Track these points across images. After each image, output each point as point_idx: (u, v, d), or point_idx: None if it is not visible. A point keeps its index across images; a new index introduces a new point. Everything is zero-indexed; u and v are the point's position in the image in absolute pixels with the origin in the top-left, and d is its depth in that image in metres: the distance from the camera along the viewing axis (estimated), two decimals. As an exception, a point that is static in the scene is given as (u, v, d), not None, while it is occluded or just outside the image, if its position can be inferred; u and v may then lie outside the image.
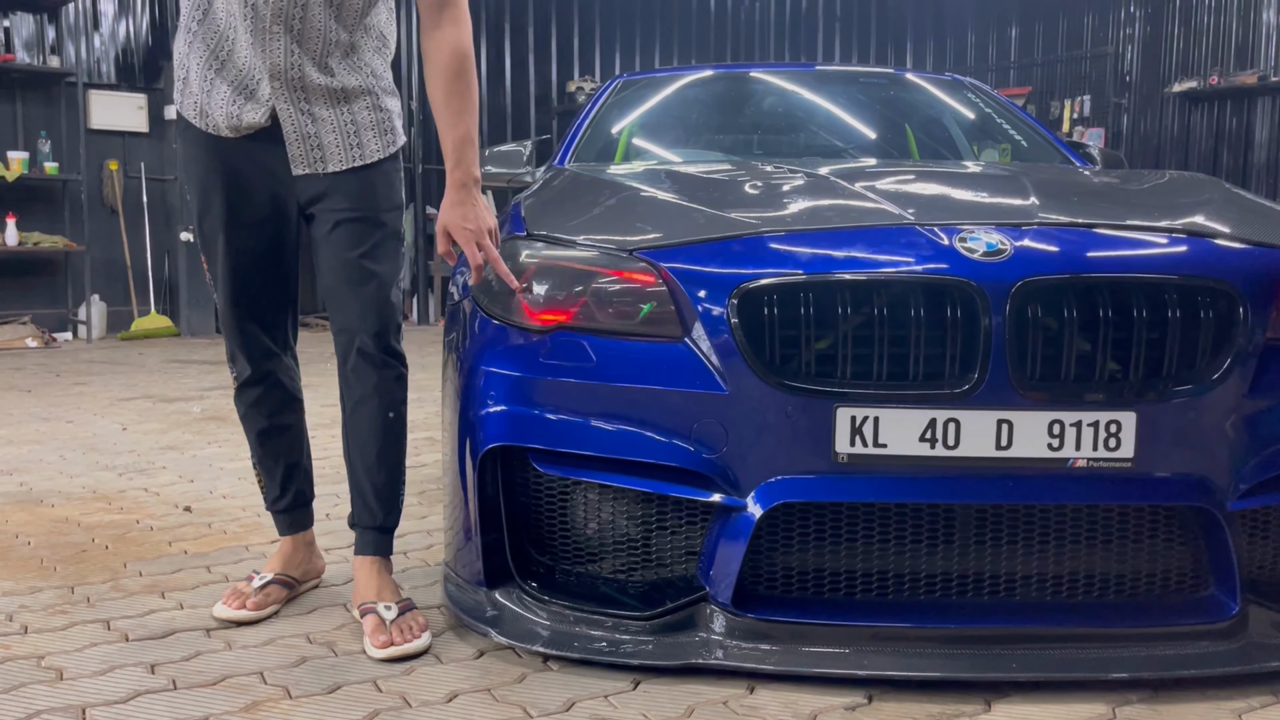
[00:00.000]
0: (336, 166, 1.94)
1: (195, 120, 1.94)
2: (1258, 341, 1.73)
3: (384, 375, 2.00)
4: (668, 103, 3.54)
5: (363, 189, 1.97)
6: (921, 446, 1.70)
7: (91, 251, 7.72)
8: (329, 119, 1.93)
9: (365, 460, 2.02)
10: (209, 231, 2.00)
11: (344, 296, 1.97)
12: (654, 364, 1.80)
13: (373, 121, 1.97)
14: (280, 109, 1.90)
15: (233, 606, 2.03)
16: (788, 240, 1.83)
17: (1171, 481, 1.72)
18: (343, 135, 1.94)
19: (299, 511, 2.19)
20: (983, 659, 1.72)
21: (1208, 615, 1.75)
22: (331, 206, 1.96)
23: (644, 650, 1.78)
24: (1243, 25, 8.02)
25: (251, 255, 2.00)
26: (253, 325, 2.05)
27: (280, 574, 2.12)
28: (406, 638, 1.87)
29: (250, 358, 2.07)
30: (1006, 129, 3.31)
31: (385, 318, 1.99)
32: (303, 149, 1.92)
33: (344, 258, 1.96)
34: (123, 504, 2.97)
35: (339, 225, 1.96)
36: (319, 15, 1.87)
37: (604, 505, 1.90)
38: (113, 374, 5.86)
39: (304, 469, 2.20)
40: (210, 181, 1.96)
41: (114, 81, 8.08)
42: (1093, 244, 1.81)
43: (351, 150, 1.95)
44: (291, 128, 1.91)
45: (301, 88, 1.90)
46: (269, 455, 2.15)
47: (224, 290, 2.02)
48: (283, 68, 1.88)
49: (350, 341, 1.98)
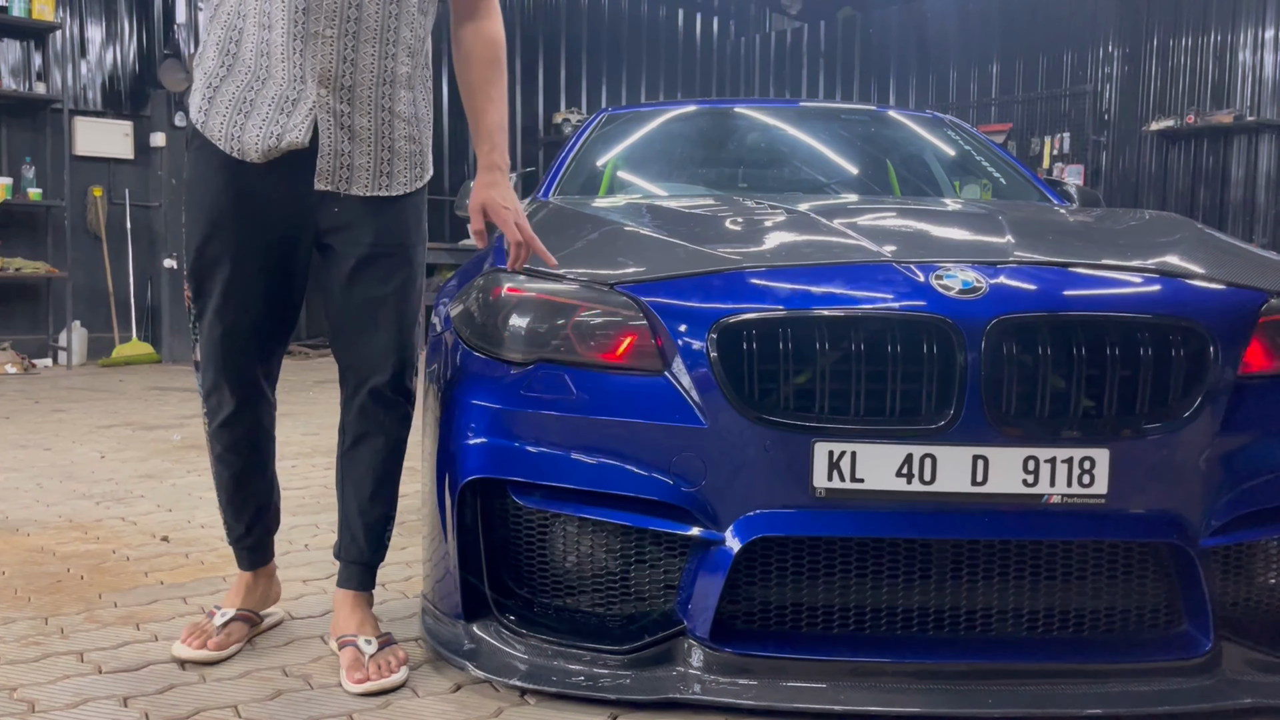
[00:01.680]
0: (360, 191, 1.88)
1: (219, 143, 1.85)
2: (1229, 380, 1.75)
3: (391, 415, 1.98)
4: (652, 137, 3.57)
5: (390, 222, 1.91)
6: (898, 482, 1.71)
7: (74, 278, 7.69)
8: (366, 138, 1.86)
9: (360, 496, 1.99)
10: (210, 258, 1.89)
11: (362, 334, 1.92)
12: (634, 397, 1.81)
13: (408, 153, 1.93)
14: (321, 119, 1.82)
15: (193, 646, 1.96)
16: (767, 276, 1.85)
17: (1145, 518, 1.74)
18: (376, 160, 1.88)
19: (262, 547, 2.13)
20: (959, 694, 1.72)
21: (1181, 652, 1.76)
22: (355, 239, 1.89)
23: (622, 685, 1.78)
24: (1219, 66, 8.16)
25: (258, 284, 1.90)
26: (247, 359, 1.95)
27: (242, 609, 2.07)
28: (384, 673, 1.86)
29: (236, 393, 1.96)
30: (986, 166, 3.35)
31: (405, 359, 1.96)
32: (332, 164, 1.85)
33: (368, 295, 1.90)
34: (99, 533, 2.94)
35: (364, 261, 1.90)
36: (375, 14, 1.81)
37: (583, 538, 1.90)
38: (92, 401, 5.82)
39: (274, 507, 2.14)
40: (222, 205, 1.86)
41: (100, 108, 8.08)
42: (1067, 283, 1.83)
43: (380, 179, 1.89)
44: (327, 141, 1.84)
45: (349, 95, 1.83)
46: (240, 497, 2.06)
47: (220, 321, 1.91)
48: (334, 71, 1.81)
49: (364, 380, 1.94)
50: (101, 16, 8.10)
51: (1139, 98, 8.68)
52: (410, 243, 1.95)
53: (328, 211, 1.90)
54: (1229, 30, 8.07)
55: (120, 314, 8.07)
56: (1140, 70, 8.66)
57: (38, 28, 7.58)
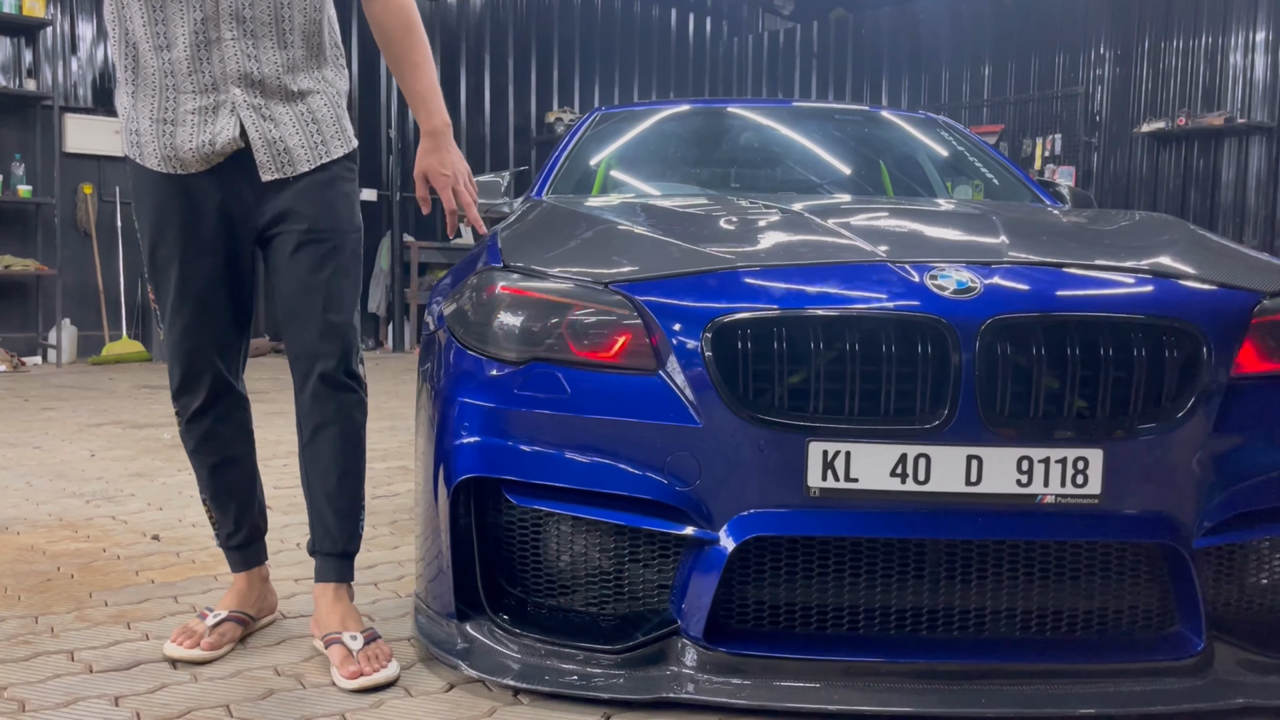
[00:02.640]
0: (306, 166, 1.94)
1: (160, 167, 1.92)
2: (1222, 380, 1.76)
3: (344, 400, 1.99)
4: (645, 136, 3.57)
5: (324, 210, 1.96)
6: (892, 481, 1.71)
7: (63, 275, 7.65)
8: (289, 119, 1.93)
9: (326, 486, 2.00)
10: (162, 260, 1.96)
11: (305, 320, 1.95)
12: (628, 396, 1.81)
13: (332, 118, 1.99)
14: (244, 116, 1.89)
15: (184, 645, 1.96)
16: (762, 275, 1.85)
17: (1138, 519, 1.74)
18: (305, 135, 1.94)
19: (253, 547, 2.14)
20: (953, 694, 1.72)
21: (1174, 652, 1.77)
22: (293, 227, 1.95)
23: (615, 684, 1.77)
24: (1210, 68, 8.19)
25: (209, 280, 1.97)
26: (207, 353, 2.00)
27: (235, 611, 2.06)
28: (375, 667, 1.86)
29: (199, 389, 2.01)
30: (978, 166, 3.36)
31: (348, 341, 1.98)
32: (270, 154, 1.91)
33: (306, 281, 1.95)
34: (89, 532, 2.93)
35: (301, 247, 1.94)
36: (266, 10, 1.87)
37: (576, 538, 1.90)
38: (82, 399, 5.80)
39: (259, 503, 2.15)
40: (165, 209, 1.93)
41: (90, 105, 8.05)
42: (1061, 283, 1.83)
43: (317, 148, 1.95)
44: (257, 134, 1.90)
45: (260, 88, 1.89)
46: (222, 490, 2.09)
47: (178, 318, 1.97)
48: (242, 69, 1.87)
49: (310, 366, 1.96)
50: (92, 13, 8.06)
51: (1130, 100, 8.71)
52: (343, 228, 1.99)
53: (267, 203, 1.95)
54: (1220, 33, 8.10)
55: (110, 312, 8.04)
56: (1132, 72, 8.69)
57: (28, 24, 7.55)
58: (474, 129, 10.05)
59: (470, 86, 10.05)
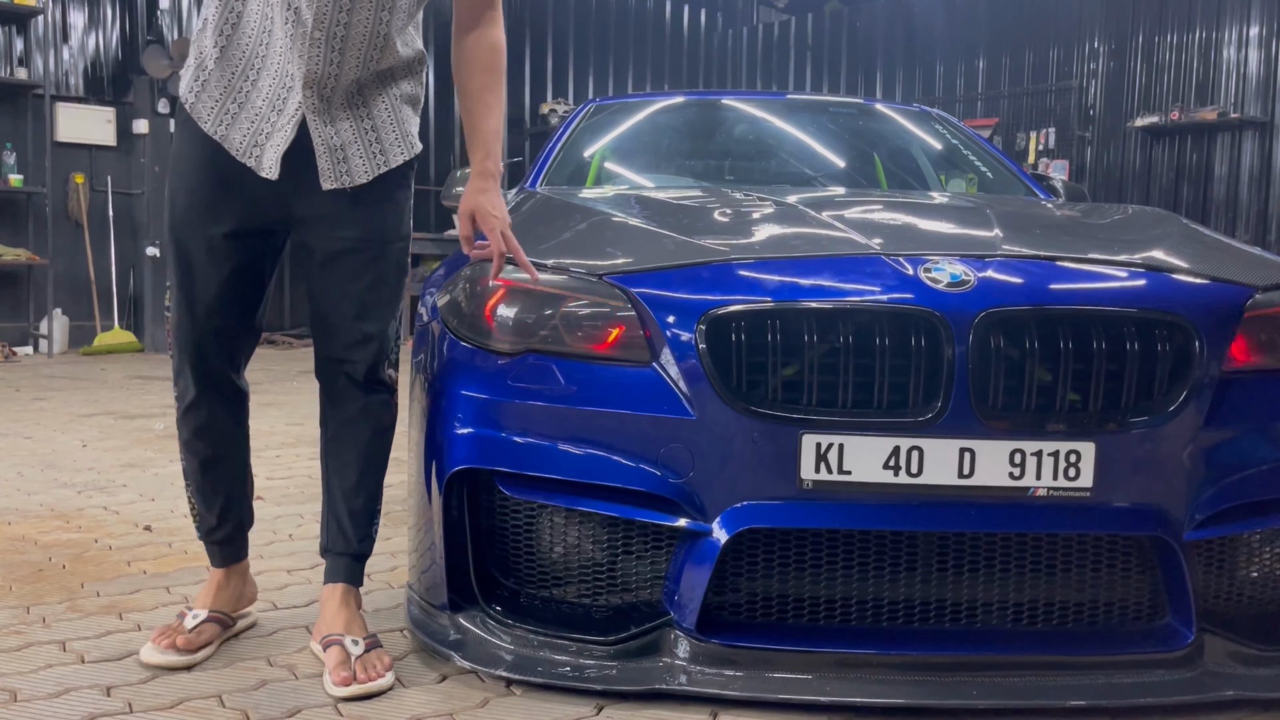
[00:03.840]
0: (364, 178, 1.88)
1: (205, 125, 1.84)
2: (1213, 374, 1.76)
3: (371, 400, 1.96)
4: (639, 128, 3.56)
5: (374, 220, 1.90)
6: (885, 474, 1.72)
7: (55, 265, 7.62)
8: (350, 129, 1.86)
9: (344, 484, 1.97)
10: (189, 235, 1.88)
11: (336, 327, 1.92)
12: (622, 388, 1.81)
13: (393, 122, 1.92)
14: (310, 119, 1.82)
15: (162, 645, 1.90)
16: (756, 268, 1.85)
17: (1129, 511, 1.75)
18: (365, 145, 1.88)
19: (234, 544, 2.07)
20: (945, 686, 1.73)
21: (1164, 644, 1.78)
22: (335, 234, 1.88)
23: (608, 675, 1.78)
24: (1203, 63, 8.21)
25: (230, 269, 1.89)
26: (211, 342, 1.93)
27: (214, 611, 2.00)
28: (370, 676, 1.80)
29: (199, 378, 1.95)
30: (972, 160, 3.36)
31: (378, 350, 1.94)
32: (330, 162, 1.84)
33: (344, 289, 1.90)
34: (81, 522, 2.92)
35: (342, 255, 1.89)
36: (365, 21, 1.80)
37: (570, 529, 1.90)
38: (74, 389, 5.78)
39: (246, 500, 2.09)
40: (202, 180, 1.86)
41: (82, 94, 8.00)
42: (1054, 276, 1.84)
43: (375, 159, 1.89)
44: (320, 140, 1.83)
45: (330, 97, 1.83)
46: (208, 484, 2.02)
47: (190, 301, 1.90)
48: (320, 75, 1.80)
49: (339, 369, 1.94)
50: (84, 1, 8.01)
51: (1124, 94, 8.72)
52: (388, 237, 1.93)
53: (311, 202, 1.88)
54: (1214, 27, 8.11)
55: (102, 302, 8.01)
56: (1125, 66, 8.70)
57: (19, 12, 7.49)
58: (468, 120, 10.01)
59: (464, 77, 10.00)
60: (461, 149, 9.81)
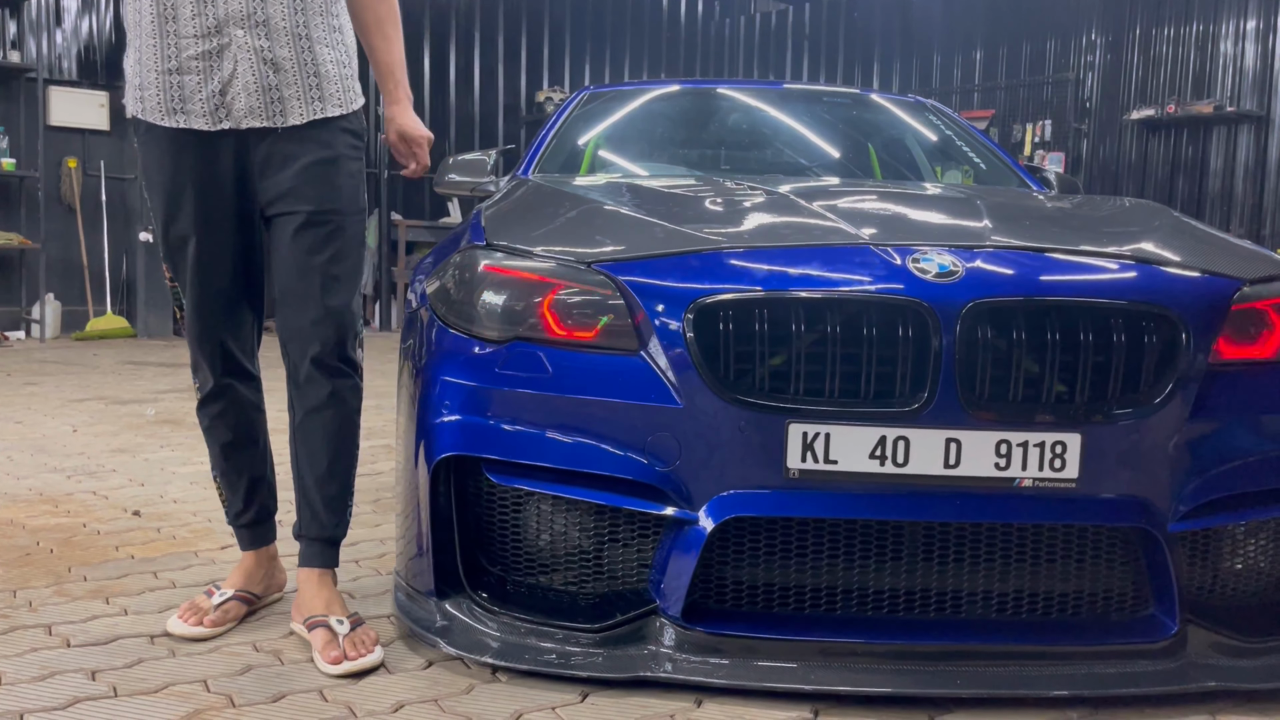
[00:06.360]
0: (298, 119, 1.90)
1: (163, 120, 1.88)
2: (1200, 367, 1.77)
3: (339, 385, 1.97)
4: (633, 116, 3.55)
5: (328, 191, 1.92)
6: (871, 464, 1.72)
7: (47, 250, 7.60)
8: (291, 69, 1.88)
9: (316, 470, 1.98)
10: (176, 237, 1.94)
11: (301, 303, 1.93)
12: (609, 377, 1.80)
13: (336, 76, 1.94)
14: (242, 59, 1.84)
15: (189, 622, 1.96)
16: (744, 257, 1.85)
17: (1114, 503, 1.75)
18: (304, 88, 1.89)
19: (262, 526, 2.13)
20: (928, 675, 1.74)
21: (1148, 635, 1.78)
22: (294, 208, 1.91)
23: (593, 662, 1.78)
24: (1200, 56, 8.20)
25: (221, 261, 1.95)
26: (220, 335, 2.00)
27: (241, 590, 2.06)
28: (360, 652, 1.83)
29: (215, 370, 2.02)
30: (966, 151, 3.36)
31: (345, 327, 1.96)
32: (262, 100, 1.87)
33: (305, 263, 1.92)
34: (70, 507, 2.92)
35: (302, 229, 1.91)
36: None
37: (556, 517, 1.90)
38: (65, 374, 5.77)
39: (268, 482, 2.14)
40: (179, 183, 1.90)
41: (75, 78, 7.97)
42: (1043, 268, 1.84)
43: (313, 104, 1.91)
44: (254, 78, 1.85)
45: (266, 29, 1.85)
46: (232, 469, 2.09)
47: (193, 294, 1.96)
48: (245, 10, 1.83)
49: (304, 349, 1.94)
50: (77, -16, 7.97)
51: (1121, 86, 8.72)
52: (345, 210, 1.96)
53: (273, 176, 1.91)
54: (1211, 21, 8.10)
55: (95, 287, 7.99)
56: (1122, 59, 8.69)
57: (12, -5, 7.46)
58: (463, 108, 9.99)
59: (460, 65, 9.98)
60: (456, 137, 9.78)
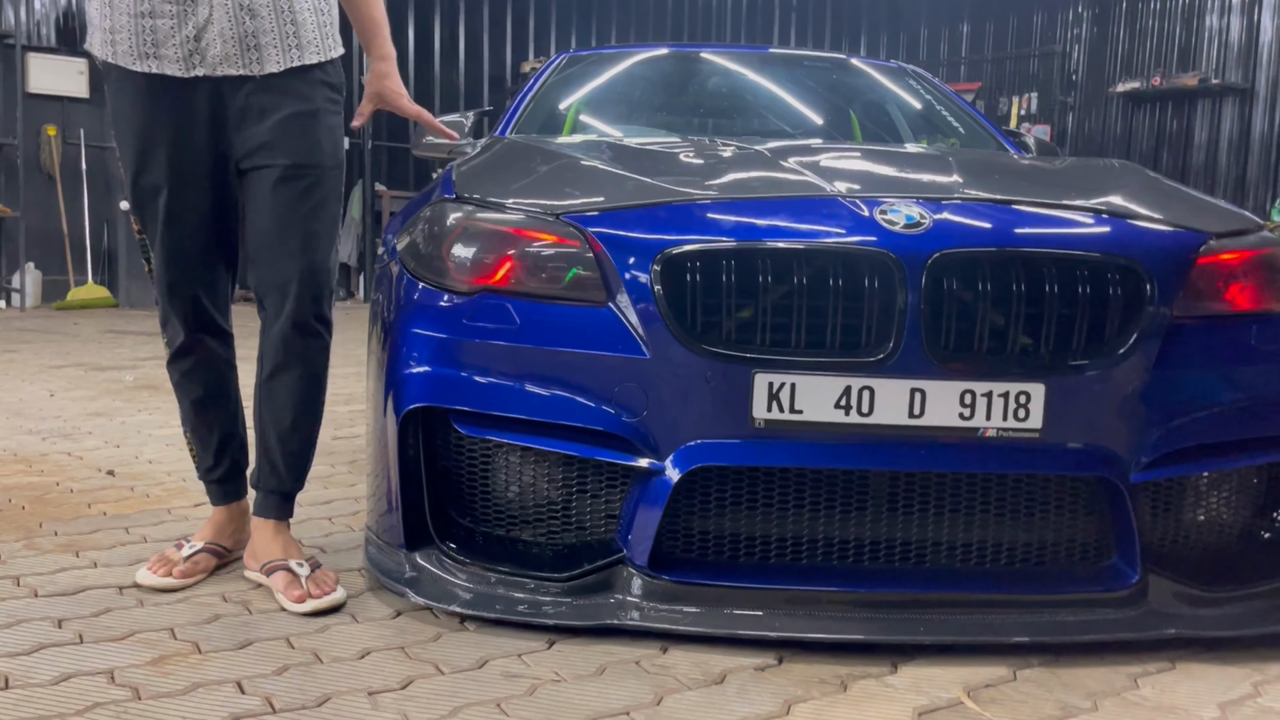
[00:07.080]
0: (275, 67, 1.88)
1: (134, 65, 1.84)
2: (1164, 319, 1.78)
3: (310, 344, 1.97)
4: (613, 81, 3.53)
5: (307, 144, 1.91)
6: (836, 413, 1.72)
7: (27, 219, 7.54)
8: (267, 14, 1.85)
9: (279, 426, 1.98)
10: (147, 188, 1.91)
11: (279, 258, 1.92)
12: (577, 328, 1.80)
13: (314, 23, 1.92)
14: (216, 3, 1.81)
15: (158, 574, 1.96)
16: (712, 208, 1.84)
17: (1077, 453, 1.76)
18: (281, 35, 1.87)
19: (233, 482, 2.13)
20: (891, 623, 1.75)
21: (1109, 583, 1.80)
22: (271, 160, 1.89)
23: (560, 611, 1.79)
24: (1185, 29, 8.20)
25: (193, 213, 1.92)
26: (190, 288, 1.97)
27: (211, 543, 2.06)
28: (324, 590, 1.87)
29: (185, 324, 2.00)
30: (946, 116, 3.35)
31: (322, 284, 1.95)
32: (239, 47, 1.84)
33: (285, 217, 1.90)
34: (44, 467, 2.91)
35: (281, 182, 1.90)
36: None
37: (525, 468, 1.90)
38: (45, 342, 5.74)
39: (239, 438, 2.14)
40: (151, 132, 1.87)
41: (54, 45, 7.89)
42: (1010, 220, 1.84)
43: (290, 51, 1.88)
44: (230, 24, 1.83)
45: None
46: (203, 424, 2.08)
47: (163, 247, 1.93)
48: None
49: (280, 305, 1.94)
50: (55, -51, 7.87)
51: (1106, 59, 8.71)
52: (325, 164, 1.94)
53: (250, 128, 1.88)
54: (1197, -7, 8.10)
55: (76, 257, 7.94)
56: (1108, 32, 8.68)
57: (-12, -41, 7.37)
58: (448, 77, 9.93)
59: (445, 34, 9.91)
60: (441, 107, 9.71)
